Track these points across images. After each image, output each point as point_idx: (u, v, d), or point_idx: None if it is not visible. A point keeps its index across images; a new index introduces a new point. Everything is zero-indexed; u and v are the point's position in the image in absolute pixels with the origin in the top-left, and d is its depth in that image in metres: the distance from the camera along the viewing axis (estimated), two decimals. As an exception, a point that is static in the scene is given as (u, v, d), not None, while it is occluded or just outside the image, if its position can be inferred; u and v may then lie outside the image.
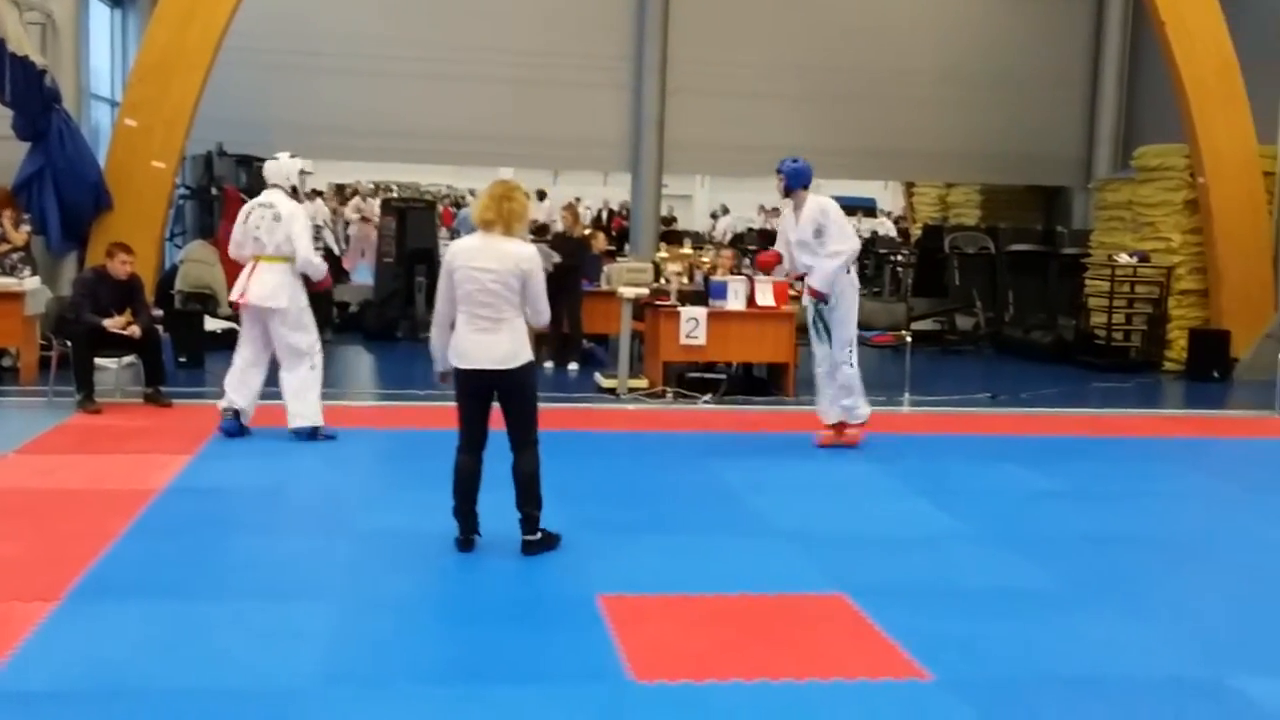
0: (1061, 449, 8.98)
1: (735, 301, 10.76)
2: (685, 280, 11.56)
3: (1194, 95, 12.55)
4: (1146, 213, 13.74)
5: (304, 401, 8.08)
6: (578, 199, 27.98)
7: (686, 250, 13.32)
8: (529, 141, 15.80)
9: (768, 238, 20.63)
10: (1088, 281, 14.23)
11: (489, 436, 5.64)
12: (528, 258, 5.49)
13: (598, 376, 11.24)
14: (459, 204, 25.32)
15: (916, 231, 20.17)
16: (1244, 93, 12.52)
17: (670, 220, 25.89)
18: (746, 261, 19.68)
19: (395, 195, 23.68)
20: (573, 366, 12.11)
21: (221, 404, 8.24)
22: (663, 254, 12.58)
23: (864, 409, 8.64)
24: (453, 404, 5.69)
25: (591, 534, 5.97)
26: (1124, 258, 13.38)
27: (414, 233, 14.71)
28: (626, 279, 11.79)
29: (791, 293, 10.60)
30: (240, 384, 8.20)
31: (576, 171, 26.05)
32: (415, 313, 14.24)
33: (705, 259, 12.88)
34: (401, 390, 10.59)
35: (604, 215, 24.23)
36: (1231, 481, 8.13)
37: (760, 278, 11.90)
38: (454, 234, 17.30)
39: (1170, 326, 13.34)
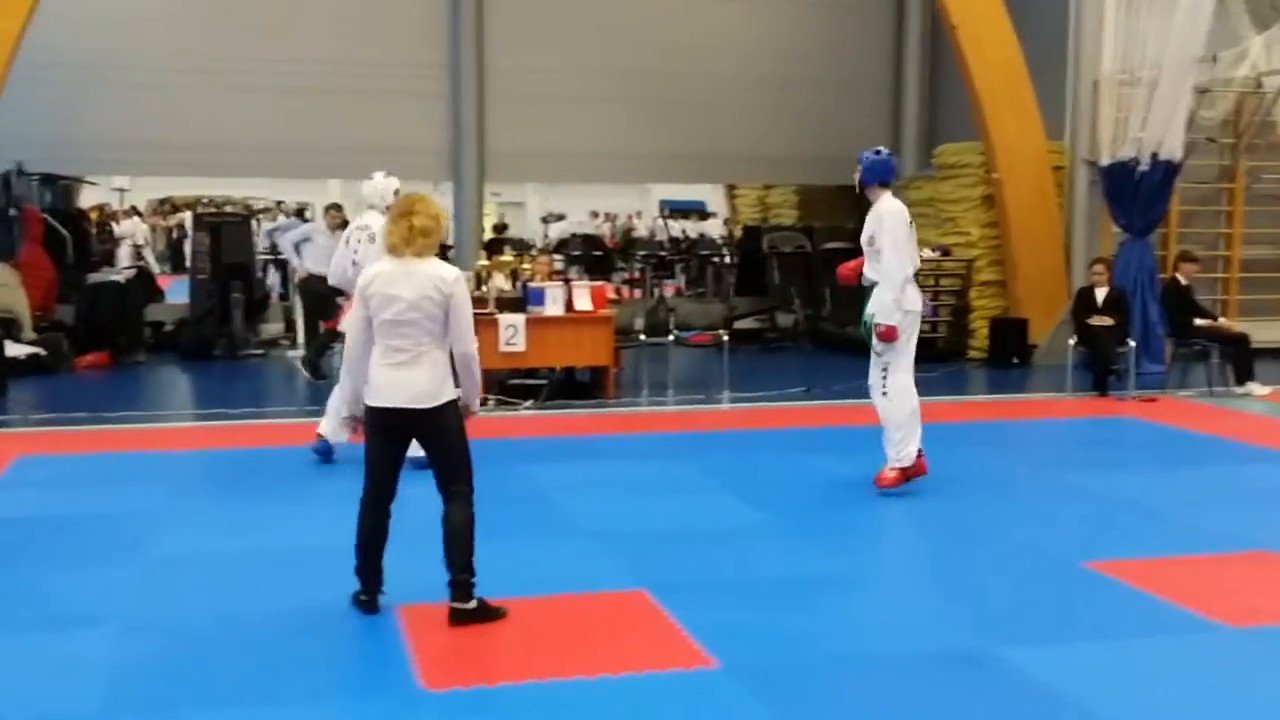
0: (868, 438, 9.26)
1: (554, 307, 10.87)
2: (509, 287, 11.63)
3: (985, 96, 13.17)
4: (948, 208, 14.38)
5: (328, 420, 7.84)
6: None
7: (508, 258, 13.37)
8: (349, 151, 15.55)
9: (592, 243, 20.87)
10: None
11: (396, 490, 5.06)
12: (449, 280, 4.82)
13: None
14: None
15: (738, 233, 20.62)
16: (1031, 92, 13.19)
17: (502, 227, 25.87)
18: (574, 269, 19.91)
19: (210, 209, 23.03)
20: None
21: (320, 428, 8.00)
22: (484, 262, 12.59)
23: (908, 448, 7.20)
24: (270, 421, 5.56)
25: (395, 546, 5.96)
26: (927, 252, 13.95)
27: (229, 247, 14.39)
28: (446, 288, 11.74)
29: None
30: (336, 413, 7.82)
31: (403, 181, 25.74)
32: (232, 330, 13.92)
33: (528, 266, 12.97)
34: (219, 410, 10.35)
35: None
36: (1024, 462, 8.59)
37: (579, 283, 12.06)
38: (271, 247, 16.94)
39: (973, 316, 13.99)
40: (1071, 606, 5.28)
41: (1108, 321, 11.27)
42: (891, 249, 7.10)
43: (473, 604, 4.88)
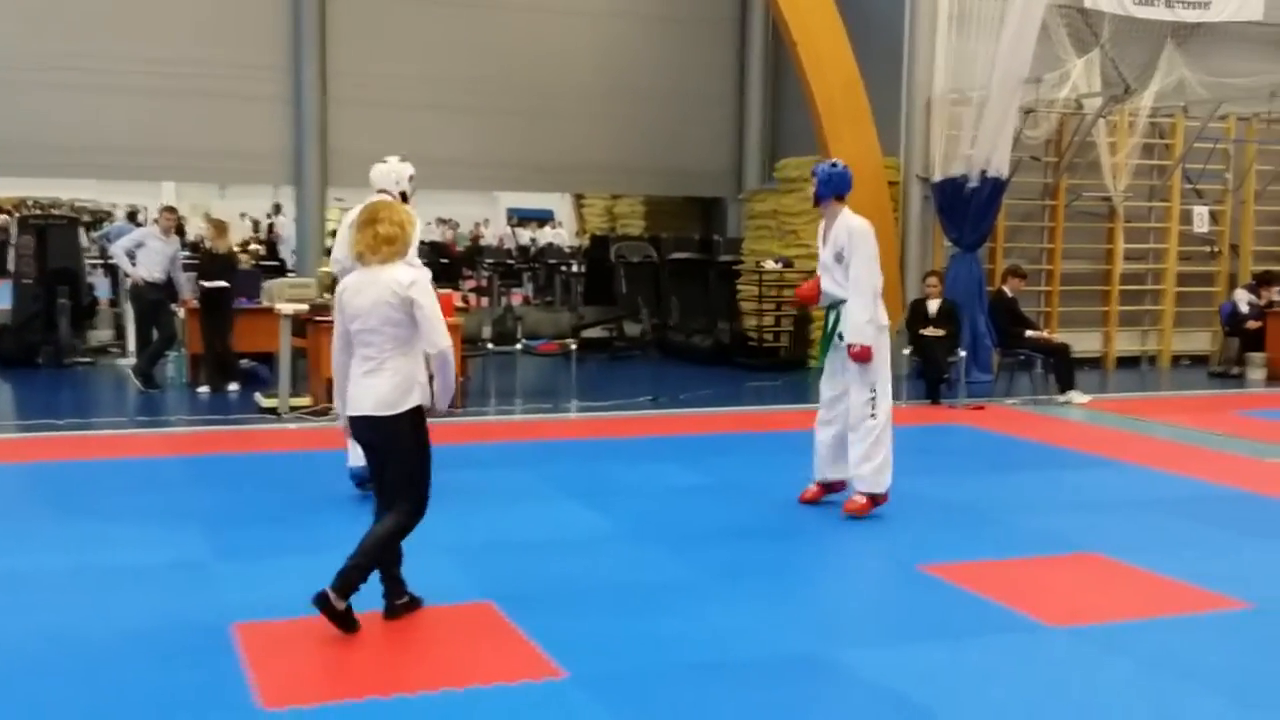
0: (712, 446, 9.48)
1: (400, 316, 10.69)
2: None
3: (824, 110, 13.52)
4: (790, 221, 14.71)
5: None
6: (243, 215, 27.02)
7: (352, 265, 13.14)
8: (188, 154, 15.13)
9: (439, 251, 20.65)
10: (740, 287, 15.08)
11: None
12: (407, 283, 4.77)
13: (258, 396, 10.91)
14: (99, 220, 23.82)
15: (586, 242, 20.71)
16: (868, 110, 13.59)
17: (346, 234, 25.37)
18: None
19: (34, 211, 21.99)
20: (232, 387, 11.72)
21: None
22: (327, 268, 12.33)
23: (887, 474, 7.06)
24: (99, 432, 5.35)
25: (234, 561, 5.81)
26: (770, 264, 14.26)
27: (56, 251, 13.76)
28: (287, 295, 11.49)
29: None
30: None
31: (245, 185, 25.09)
32: (58, 337, 13.32)
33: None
34: (44, 420, 9.88)
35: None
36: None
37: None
38: (102, 251, 16.29)
39: (813, 326, 14.32)
40: (908, 609, 5.45)
41: (939, 332, 11.69)
42: (864, 264, 6.94)
43: (344, 605, 4.76)
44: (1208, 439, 9.86)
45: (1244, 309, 14.18)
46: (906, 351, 11.87)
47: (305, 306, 10.85)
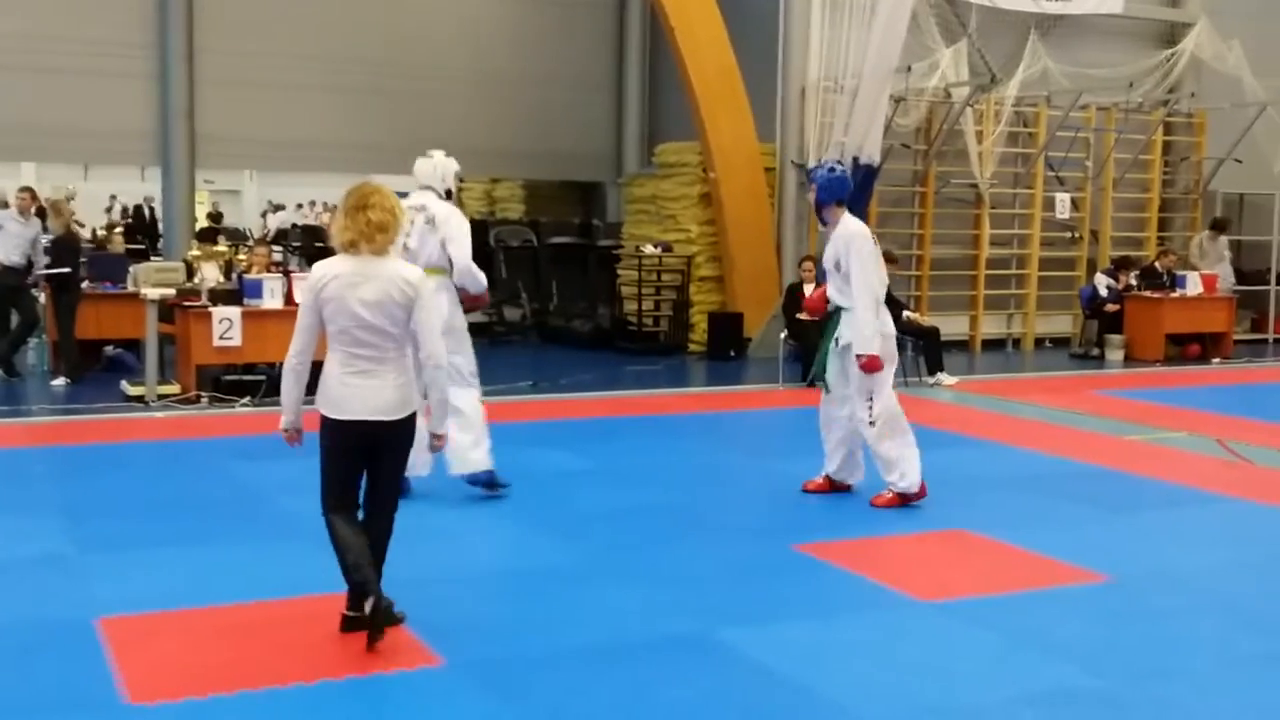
0: (594, 430, 9.51)
1: (272, 300, 10.50)
2: (222, 279, 11.15)
3: (702, 96, 13.62)
4: (668, 205, 14.80)
5: (476, 446, 6.99)
6: (114, 196, 26.08)
7: (221, 248, 12.82)
8: (47, 134, 14.54)
9: (313, 234, 20.26)
10: (620, 271, 15.13)
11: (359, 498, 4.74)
12: (415, 281, 4.51)
13: (124, 384, 10.58)
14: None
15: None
16: (745, 96, 13.74)
17: (217, 216, 24.70)
18: (295, 260, 19.25)
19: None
20: (58, 382, 11.12)
21: None
22: (196, 252, 12.02)
23: (912, 476, 6.94)
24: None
25: (98, 554, 5.64)
26: (649, 248, 14.34)
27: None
28: (153, 280, 11.14)
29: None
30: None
31: (109, 166, 24.25)
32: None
33: (243, 257, 12.48)
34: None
35: (146, 212, 22.70)
36: (739, 450, 8.96)
37: (300, 275, 11.67)
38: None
39: (693, 311, 14.48)
40: (783, 587, 5.55)
41: (815, 316, 11.86)
42: (860, 273, 6.81)
43: (368, 608, 4.50)
44: (1069, 418, 10.23)
45: (1103, 292, 14.73)
46: (783, 335, 12.06)
47: (172, 291, 10.56)
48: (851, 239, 6.86)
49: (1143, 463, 8.46)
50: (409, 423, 4.60)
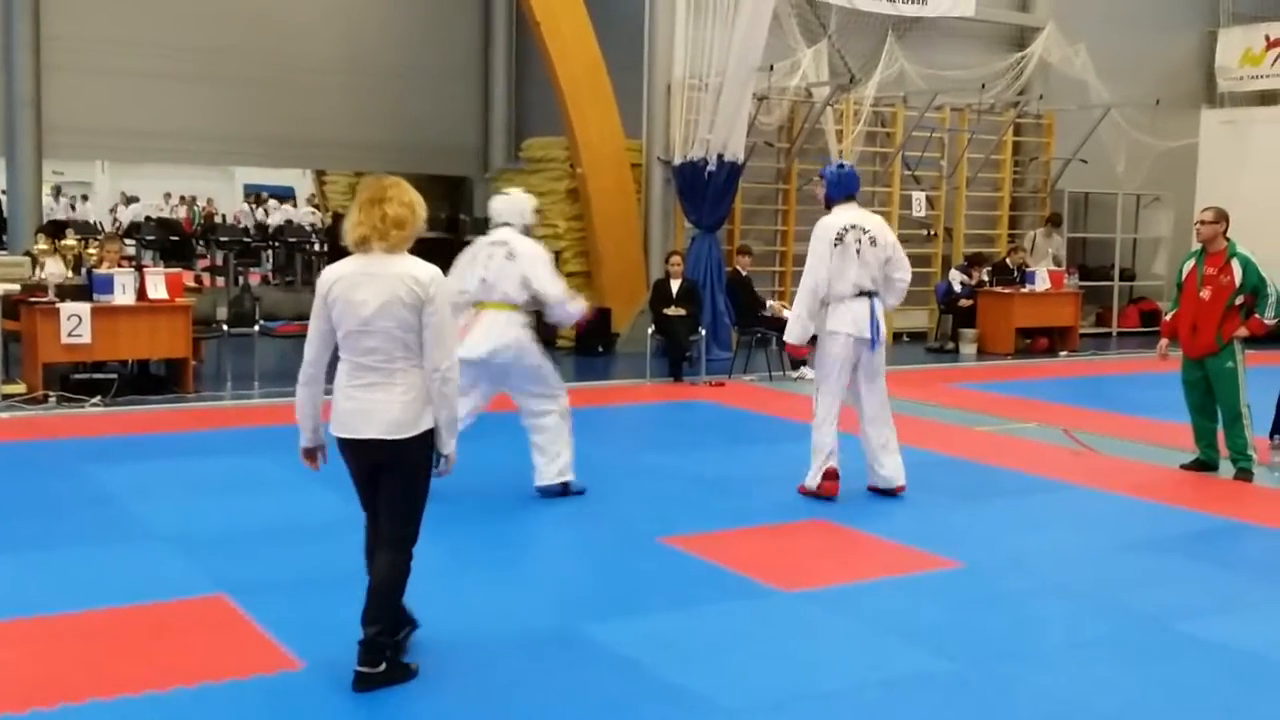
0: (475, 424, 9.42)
1: (124, 296, 10.16)
2: (70, 274, 10.76)
3: (569, 91, 13.62)
4: (536, 201, 14.72)
5: (554, 457, 7.01)
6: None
7: (70, 242, 12.34)
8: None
9: (169, 228, 19.67)
10: (487, 266, 15.00)
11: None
12: (426, 280, 4.03)
13: (-35, 385, 10.11)
14: None
15: (328, 220, 20.14)
16: (611, 92, 13.78)
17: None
18: (149, 255, 18.65)
19: None
20: None
21: None
22: (42, 246, 11.55)
23: (812, 473, 7.19)
24: None
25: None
26: (518, 244, 14.26)
27: None
28: (-3, 275, 10.68)
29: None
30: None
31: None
32: None
33: (93, 251, 12.03)
34: None
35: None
36: (606, 445, 8.98)
37: (153, 269, 11.37)
38: None
39: (560, 307, 14.43)
40: (648, 580, 5.60)
41: (681, 311, 12.01)
42: (808, 267, 7.14)
43: (381, 667, 4.15)
44: (925, 410, 10.52)
45: (957, 288, 15.19)
46: (650, 330, 12.14)
47: (17, 287, 10.14)
48: (818, 231, 7.18)
49: (995, 453, 8.77)
50: (417, 444, 4.11)
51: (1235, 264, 7.84)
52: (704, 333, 12.20)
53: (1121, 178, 16.89)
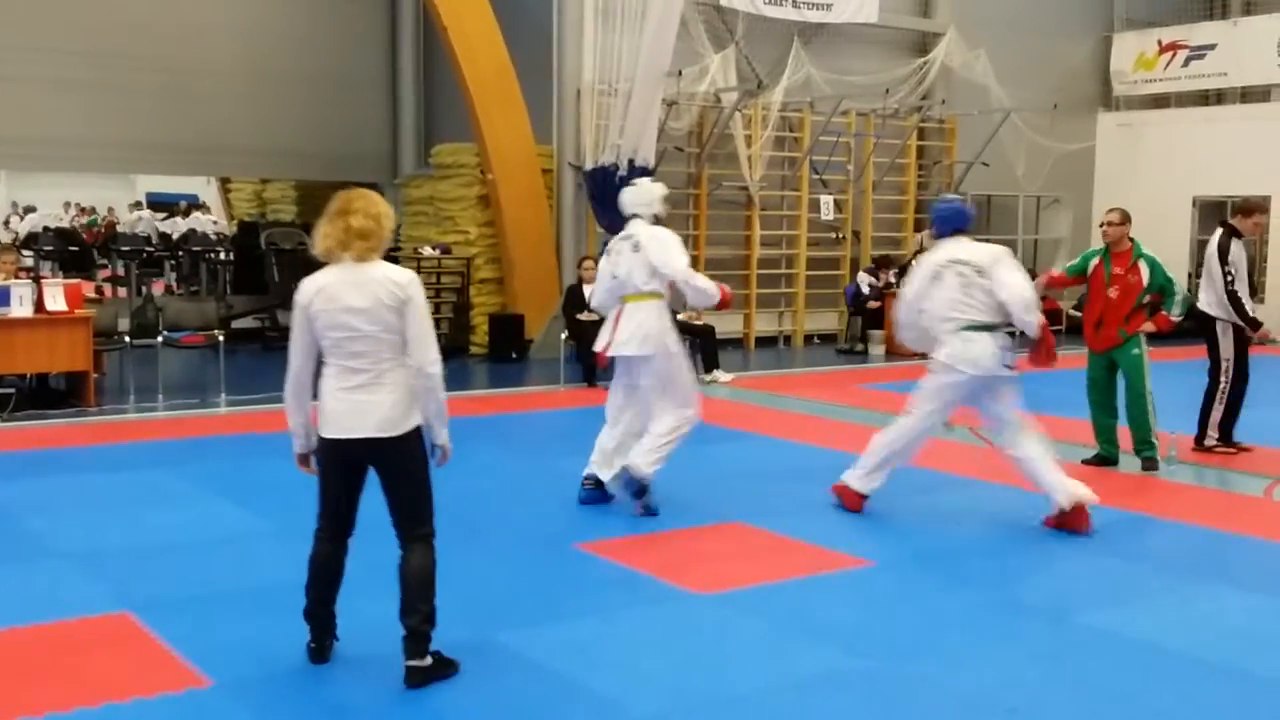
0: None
1: (21, 308, 9.90)
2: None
3: (477, 97, 13.57)
4: (446, 207, 14.68)
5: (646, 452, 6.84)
6: None
7: (-38, 253, 11.97)
8: None
9: (67, 238, 19.18)
10: (398, 273, 14.88)
11: (355, 523, 4.53)
12: (405, 282, 4.23)
13: None
14: None
15: (234, 228, 19.83)
16: (520, 97, 13.75)
17: None
18: (47, 265, 18.16)
19: None
20: None
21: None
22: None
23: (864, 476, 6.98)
24: None
25: None
26: (428, 250, 14.18)
27: None
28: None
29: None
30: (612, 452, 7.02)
31: None
32: None
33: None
34: None
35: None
36: (521, 452, 8.96)
37: (51, 280, 11.09)
38: None
39: (474, 313, 14.40)
40: (563, 587, 5.60)
41: (594, 317, 11.97)
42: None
43: (428, 660, 4.31)
44: (835, 411, 10.67)
45: (865, 290, 15.42)
46: (564, 336, 12.13)
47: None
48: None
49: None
50: (411, 440, 4.31)
51: (1143, 264, 8.11)
52: (617, 337, 12.20)
53: (1022, 180, 17.30)
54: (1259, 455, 8.64)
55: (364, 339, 4.21)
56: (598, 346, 7.18)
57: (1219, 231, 8.75)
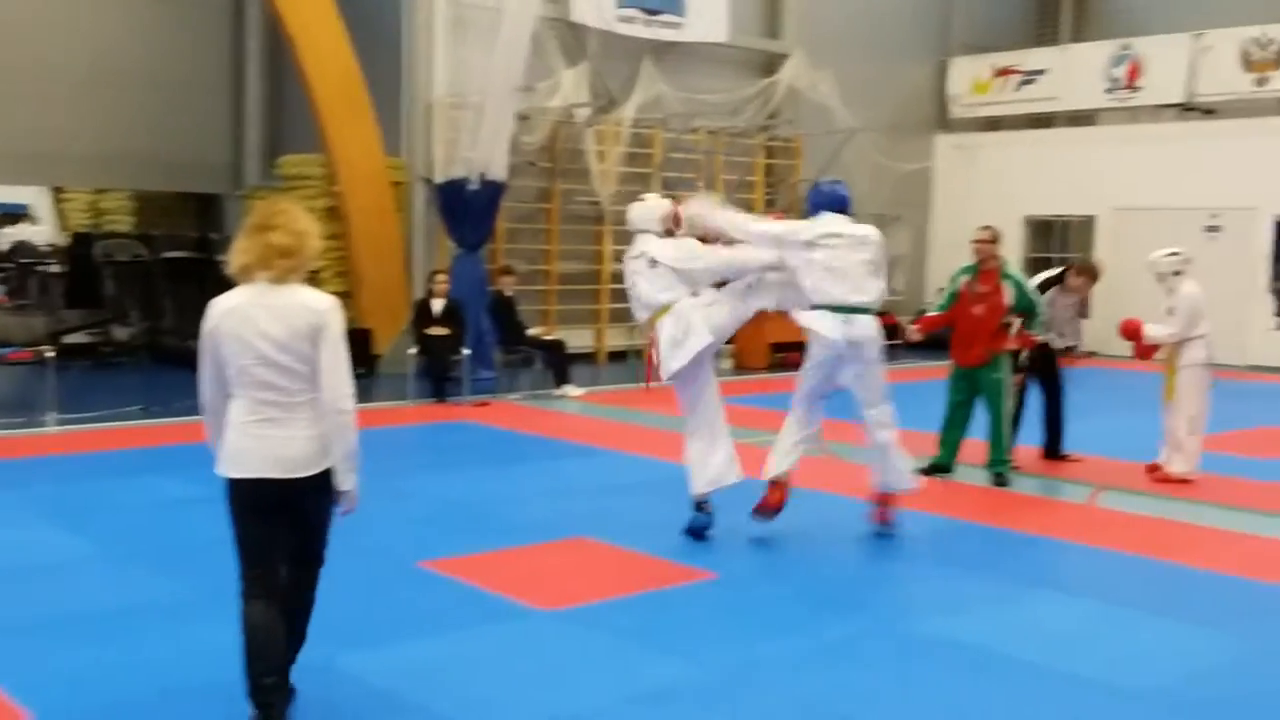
0: (208, 455, 9.04)
1: None
2: None
3: (325, 108, 13.32)
4: (292, 220, 14.34)
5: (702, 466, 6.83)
6: None
7: None
8: None
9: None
10: (241, 287, 14.51)
11: (285, 574, 4.13)
12: (323, 309, 3.90)
13: None
14: None
15: (67, 240, 19.02)
16: (370, 109, 13.55)
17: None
18: None
19: None
20: None
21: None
22: None
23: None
24: None
25: None
26: (273, 263, 13.84)
27: None
28: None
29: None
30: (703, 464, 6.87)
31: None
32: None
33: None
34: None
35: None
36: (372, 467, 8.76)
37: None
38: None
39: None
40: (406, 606, 5.53)
41: (444, 331, 11.92)
42: None
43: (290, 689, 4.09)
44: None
45: (717, 305, 15.61)
46: (413, 351, 12.00)
47: None
48: None
49: (750, 465, 8.99)
50: (323, 482, 3.99)
51: (1008, 285, 8.36)
52: (467, 353, 12.14)
53: (865, 199, 17.77)
54: (1088, 465, 9.06)
55: (275, 369, 3.88)
56: (655, 379, 7.30)
57: (1057, 277, 9.07)
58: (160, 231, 16.32)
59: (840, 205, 6.90)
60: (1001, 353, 8.35)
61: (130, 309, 14.99)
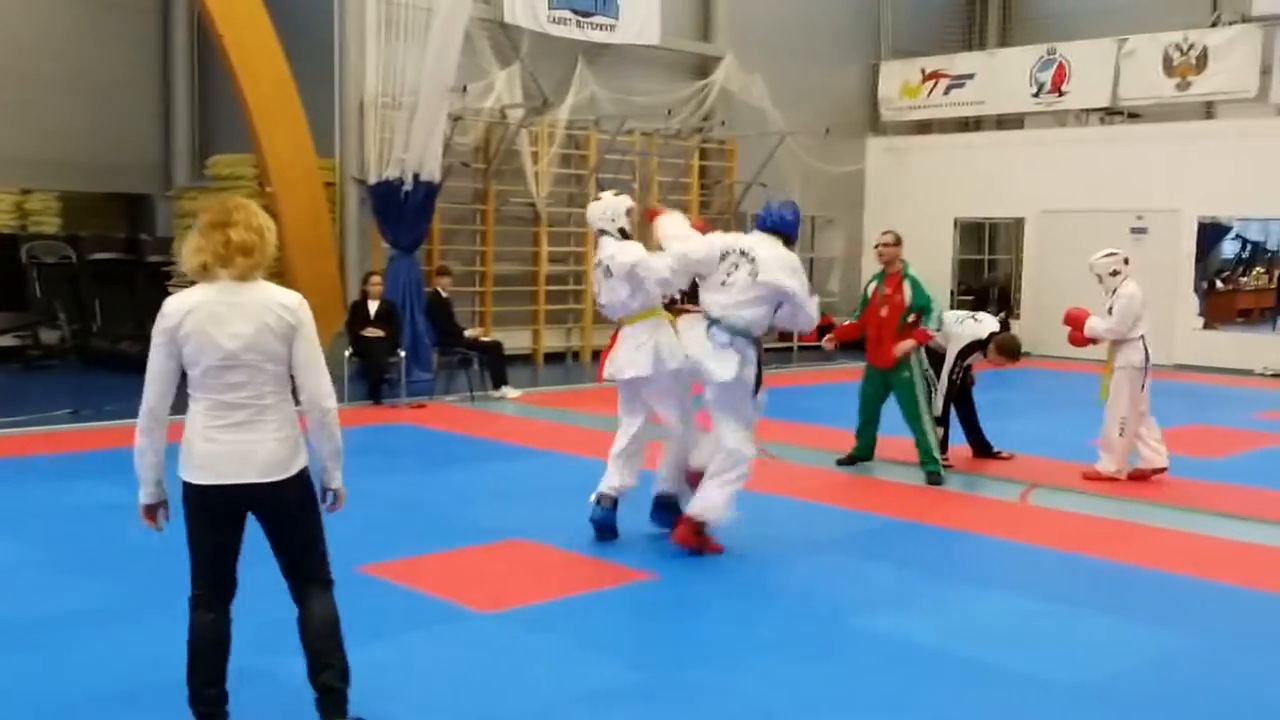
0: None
1: None
2: None
3: (256, 108, 13.15)
4: (223, 221, 14.15)
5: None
6: None
7: None
8: None
9: None
10: (172, 289, 14.28)
11: (237, 583, 4.07)
12: (294, 306, 3.80)
13: None
14: None
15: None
16: (301, 109, 13.41)
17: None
18: None
19: None
20: None
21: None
22: None
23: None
24: None
25: None
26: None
27: None
28: None
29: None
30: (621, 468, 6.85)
31: None
32: None
33: None
34: None
35: None
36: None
37: None
38: None
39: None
40: (345, 611, 5.43)
41: (379, 333, 11.84)
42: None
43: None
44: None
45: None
46: (347, 353, 11.90)
47: None
48: None
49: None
50: (299, 482, 3.90)
51: (906, 285, 8.55)
52: (403, 354, 12.07)
53: (799, 201, 17.90)
54: (1020, 463, 9.23)
55: (243, 369, 3.75)
56: (602, 374, 7.06)
57: (980, 342, 8.99)
58: (88, 232, 16.02)
59: (774, 226, 6.66)
60: (905, 354, 8.49)
61: (58, 311, 14.70)
